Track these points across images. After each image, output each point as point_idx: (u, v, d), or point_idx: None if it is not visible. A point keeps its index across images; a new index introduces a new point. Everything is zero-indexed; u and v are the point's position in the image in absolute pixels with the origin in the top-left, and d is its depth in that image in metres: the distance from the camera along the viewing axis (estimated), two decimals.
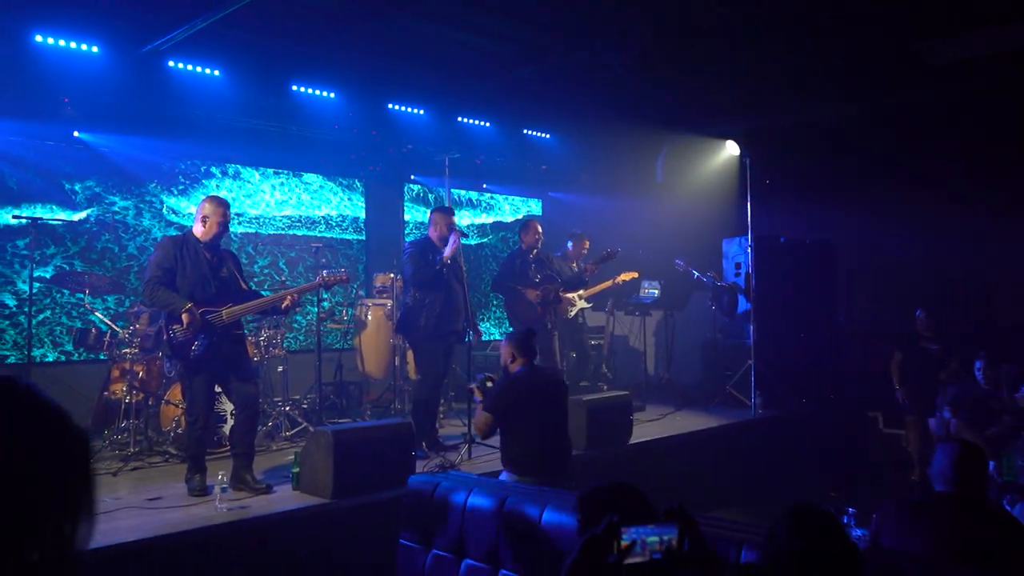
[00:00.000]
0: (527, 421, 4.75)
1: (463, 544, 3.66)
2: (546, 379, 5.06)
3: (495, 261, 11.19)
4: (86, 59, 7.26)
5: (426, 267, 6.58)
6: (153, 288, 5.20)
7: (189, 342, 5.15)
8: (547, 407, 4.85)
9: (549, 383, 5.02)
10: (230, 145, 8.80)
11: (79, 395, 7.37)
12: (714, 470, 7.27)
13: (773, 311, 8.87)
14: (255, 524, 4.69)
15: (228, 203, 5.50)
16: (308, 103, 8.89)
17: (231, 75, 8.19)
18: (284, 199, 9.52)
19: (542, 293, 7.55)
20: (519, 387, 4.87)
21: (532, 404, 4.79)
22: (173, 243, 5.36)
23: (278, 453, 6.60)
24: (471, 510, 3.67)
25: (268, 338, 7.21)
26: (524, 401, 4.79)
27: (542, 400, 4.83)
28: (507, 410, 4.81)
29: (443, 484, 3.90)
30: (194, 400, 5.34)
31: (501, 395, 4.86)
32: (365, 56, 8.89)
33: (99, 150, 7.92)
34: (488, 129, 10.56)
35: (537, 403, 4.80)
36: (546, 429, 4.77)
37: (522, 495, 3.62)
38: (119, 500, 5.11)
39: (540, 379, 4.98)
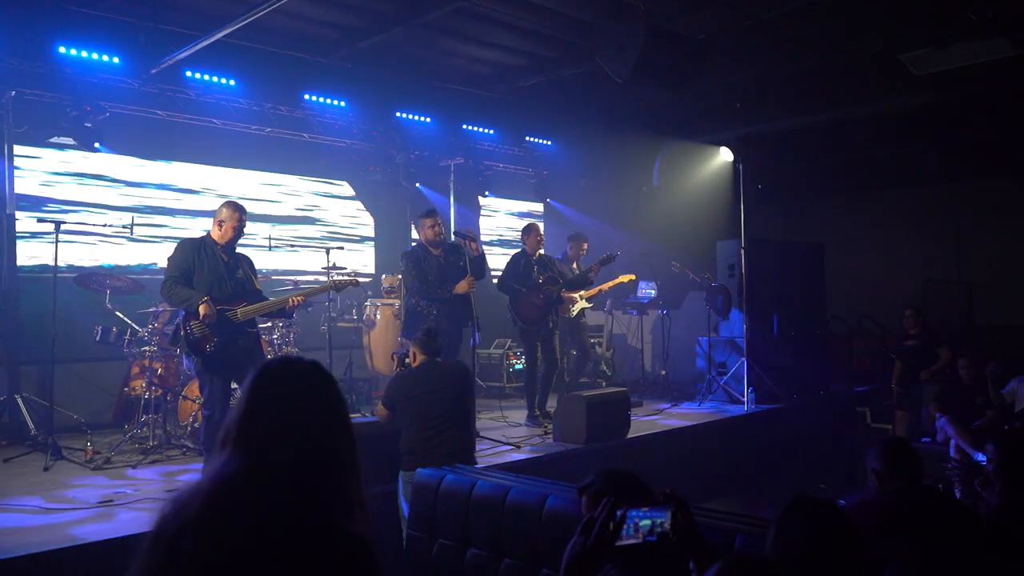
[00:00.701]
0: (416, 416, 4.61)
1: (468, 534, 3.66)
2: (442, 374, 4.80)
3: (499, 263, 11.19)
4: (107, 69, 7.28)
5: (424, 282, 6.61)
6: (171, 286, 5.23)
7: (206, 339, 5.16)
8: (440, 401, 4.63)
9: (444, 377, 4.77)
10: (245, 151, 8.81)
11: (101, 391, 7.41)
12: (708, 463, 7.27)
13: (765, 310, 8.87)
14: None
15: (244, 208, 5.51)
16: (319, 111, 8.91)
17: (245, 84, 8.20)
18: (296, 203, 9.54)
19: (544, 294, 7.55)
20: (407, 383, 4.77)
21: (422, 399, 4.63)
22: (191, 245, 5.39)
23: None
24: (475, 501, 3.67)
25: (281, 337, 7.22)
26: (413, 396, 4.65)
27: (434, 395, 4.64)
28: (395, 405, 4.74)
29: (448, 476, 3.91)
30: (211, 395, 5.35)
31: (390, 391, 4.82)
32: (374, 66, 8.92)
33: None
34: (492, 136, 10.57)
35: (428, 398, 4.63)
36: (438, 423, 4.58)
37: (525, 487, 3.63)
38: (138, 492, 5.12)
39: (434, 374, 4.76)
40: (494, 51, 9.14)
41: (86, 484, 5.34)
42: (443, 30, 8.35)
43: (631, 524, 1.90)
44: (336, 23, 8.16)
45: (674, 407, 8.66)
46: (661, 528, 1.89)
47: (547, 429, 7.06)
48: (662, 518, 1.90)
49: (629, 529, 1.90)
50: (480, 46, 8.98)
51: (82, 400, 7.14)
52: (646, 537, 1.89)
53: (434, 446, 4.50)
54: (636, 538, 1.89)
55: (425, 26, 8.08)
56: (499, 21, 8.12)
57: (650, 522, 1.90)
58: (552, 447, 6.50)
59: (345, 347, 8.33)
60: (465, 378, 4.91)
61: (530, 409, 7.66)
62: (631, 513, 1.91)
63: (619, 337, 10.74)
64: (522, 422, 7.67)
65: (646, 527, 1.90)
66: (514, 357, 9.62)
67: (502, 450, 6.29)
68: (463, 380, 4.86)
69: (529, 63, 9.48)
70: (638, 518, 1.91)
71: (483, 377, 9.33)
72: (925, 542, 2.85)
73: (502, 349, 9.75)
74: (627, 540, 1.89)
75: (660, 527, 1.89)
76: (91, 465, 5.79)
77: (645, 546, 1.89)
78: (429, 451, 4.49)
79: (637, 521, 1.91)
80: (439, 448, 4.49)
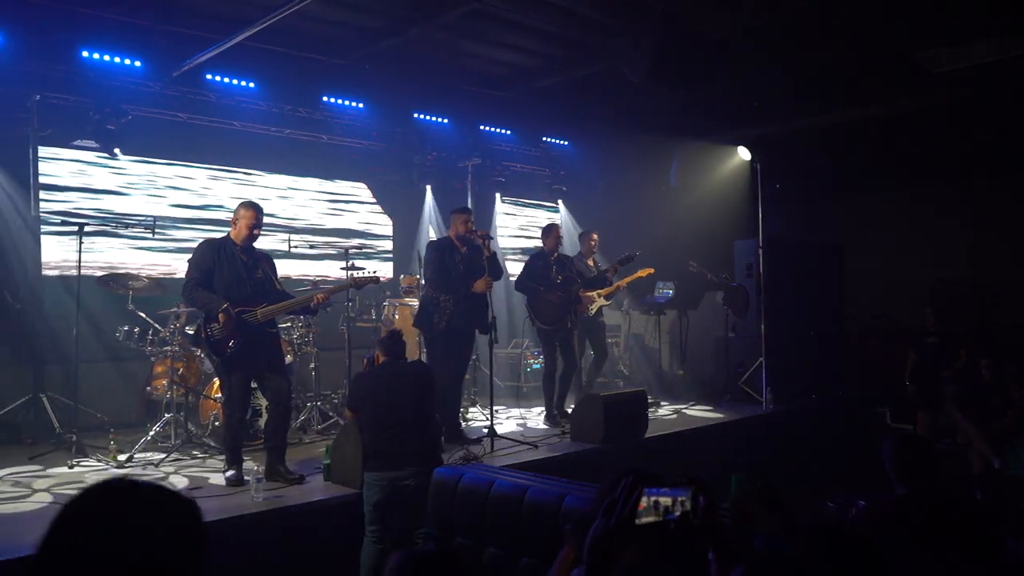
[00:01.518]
0: (376, 417, 4.58)
1: (485, 533, 3.67)
2: (402, 374, 4.78)
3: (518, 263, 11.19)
4: (129, 72, 7.35)
5: (444, 272, 6.60)
6: (191, 289, 5.28)
7: (226, 340, 5.20)
8: (398, 402, 4.59)
9: (403, 378, 4.74)
10: (264, 153, 8.87)
11: (124, 391, 7.48)
12: (726, 463, 7.22)
13: (783, 309, 8.81)
14: (289, 512, 4.73)
15: (261, 208, 5.55)
16: (337, 112, 8.95)
17: (265, 86, 8.25)
18: (315, 204, 9.58)
19: (563, 293, 7.55)
20: (366, 383, 4.76)
21: (381, 399, 4.61)
22: (211, 246, 5.43)
23: (310, 446, 6.65)
24: (493, 500, 3.68)
25: (300, 336, 7.26)
26: (372, 396, 4.63)
27: (393, 395, 4.61)
28: (356, 405, 4.72)
29: (467, 475, 3.92)
30: (231, 395, 5.40)
31: (351, 391, 4.81)
32: (392, 68, 8.94)
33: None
34: (508, 137, 10.57)
35: (386, 398, 4.60)
36: (396, 423, 4.54)
37: (543, 487, 3.63)
38: None
39: (393, 374, 4.74)
40: (510, 52, 9.14)
41: None
42: (459, 31, 8.35)
43: (650, 502, 1.89)
44: (354, 25, 8.19)
45: (691, 407, 8.63)
46: (682, 507, 1.87)
47: (565, 429, 7.06)
48: (683, 496, 1.88)
49: (648, 507, 1.88)
50: (496, 47, 8.98)
51: (105, 399, 7.22)
52: (666, 515, 1.88)
53: (393, 446, 4.47)
54: (656, 516, 1.87)
55: (442, 27, 8.09)
56: (515, 22, 8.12)
57: (670, 500, 1.89)
58: (570, 446, 6.50)
59: (364, 347, 8.34)
60: (425, 378, 4.86)
61: (548, 409, 7.66)
62: (650, 491, 1.90)
63: (636, 337, 10.71)
64: (540, 421, 7.67)
65: (666, 506, 1.88)
66: (531, 357, 9.62)
67: (520, 449, 6.29)
68: (423, 380, 4.82)
69: (545, 64, 9.47)
70: (658, 495, 1.90)
71: (501, 376, 9.33)
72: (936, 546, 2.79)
73: (519, 349, 9.75)
74: (647, 518, 1.87)
75: (680, 506, 1.87)
76: (114, 463, 5.85)
77: (666, 525, 1.87)
78: (388, 451, 4.46)
79: (657, 499, 1.89)
80: (397, 448, 4.46)
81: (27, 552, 3.78)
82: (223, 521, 4.44)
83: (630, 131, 10.42)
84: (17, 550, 3.83)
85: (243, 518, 4.53)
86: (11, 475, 5.58)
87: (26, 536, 4.09)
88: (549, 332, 7.62)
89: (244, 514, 4.57)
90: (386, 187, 10.13)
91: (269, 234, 8.60)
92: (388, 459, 4.44)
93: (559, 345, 7.65)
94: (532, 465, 5.68)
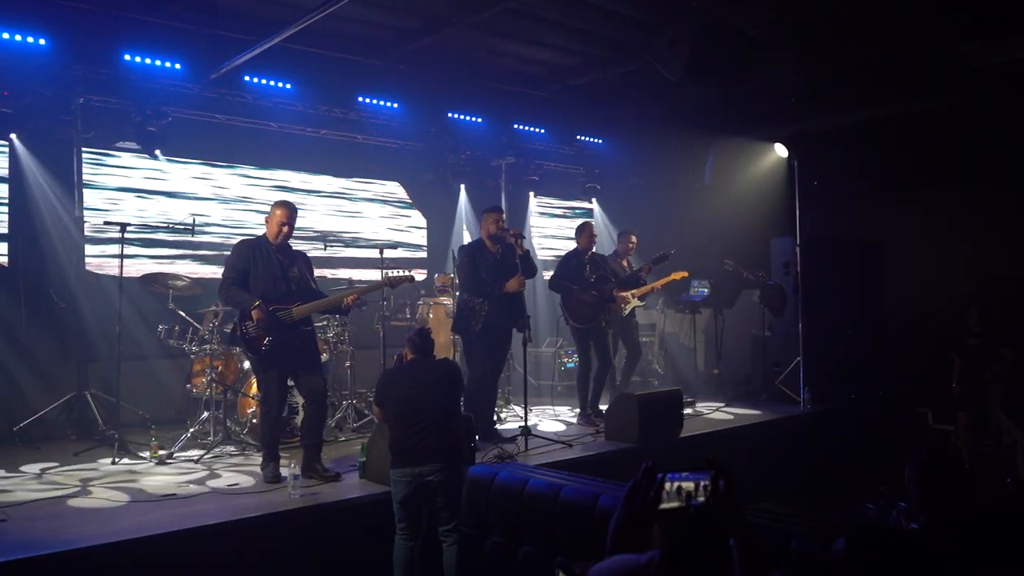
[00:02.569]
0: (401, 414, 4.58)
1: (520, 531, 3.67)
2: (428, 372, 4.77)
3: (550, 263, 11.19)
4: (170, 75, 7.48)
5: (475, 274, 6.62)
6: (227, 288, 5.36)
7: (261, 337, 5.26)
8: (424, 400, 4.58)
9: (430, 375, 4.73)
10: (300, 153, 8.97)
11: (164, 388, 7.62)
12: (763, 463, 7.14)
13: (821, 308, 8.69)
14: (325, 510, 4.78)
15: (295, 207, 5.61)
16: (373, 112, 9.00)
17: (301, 88, 8.34)
18: (351, 204, 9.66)
19: (597, 293, 7.53)
20: (391, 380, 4.77)
21: (406, 397, 4.60)
22: (247, 246, 5.50)
23: (346, 443, 6.71)
24: (527, 499, 3.68)
25: (336, 335, 7.33)
26: (398, 394, 4.63)
27: (418, 392, 4.60)
28: (382, 402, 4.73)
29: (501, 474, 3.92)
30: (267, 392, 5.47)
31: (377, 388, 4.82)
32: (427, 68, 8.98)
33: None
34: (542, 135, 10.56)
35: (412, 396, 4.59)
36: (421, 421, 4.53)
37: (577, 486, 3.63)
38: (201, 486, 5.26)
39: (420, 372, 4.73)
40: (545, 50, 9.13)
41: (150, 477, 5.50)
42: (494, 30, 8.36)
43: (673, 487, 1.87)
44: (389, 25, 8.24)
45: (727, 406, 8.55)
46: (704, 493, 1.85)
47: (599, 428, 7.04)
48: (704, 480, 1.87)
49: (671, 493, 1.87)
50: (531, 46, 8.97)
51: (146, 396, 7.36)
52: (689, 501, 1.86)
53: (416, 443, 4.48)
54: (679, 501, 1.86)
55: (476, 27, 8.11)
56: (550, 20, 8.11)
57: (692, 485, 1.87)
58: (604, 446, 6.48)
59: (399, 345, 8.35)
60: (451, 376, 4.86)
61: (583, 407, 7.65)
62: (671, 476, 1.88)
63: (671, 336, 10.64)
64: (574, 420, 7.66)
65: (688, 491, 1.86)
66: (565, 356, 9.61)
67: (554, 448, 6.29)
68: (449, 378, 4.81)
69: (580, 62, 9.44)
70: (679, 481, 1.88)
71: (535, 375, 9.33)
72: None
73: (553, 348, 9.75)
74: (669, 503, 1.86)
75: (703, 491, 1.86)
76: (155, 460, 5.95)
77: (688, 510, 1.86)
78: (412, 448, 4.47)
79: (679, 484, 1.87)
80: (421, 446, 4.46)
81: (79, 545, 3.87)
82: (260, 517, 4.50)
83: (664, 129, 10.36)
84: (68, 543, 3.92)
85: (280, 515, 4.58)
86: (56, 470, 5.72)
87: (70, 530, 4.19)
88: (583, 331, 7.61)
89: (281, 511, 4.63)
90: (420, 186, 10.18)
91: (303, 234, 8.71)
92: (411, 456, 4.46)
93: (593, 344, 7.63)
94: (566, 464, 5.67)
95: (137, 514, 4.56)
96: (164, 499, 4.89)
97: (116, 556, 3.93)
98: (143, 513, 4.58)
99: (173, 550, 4.10)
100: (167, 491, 5.07)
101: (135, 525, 4.27)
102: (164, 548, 4.08)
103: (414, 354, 4.85)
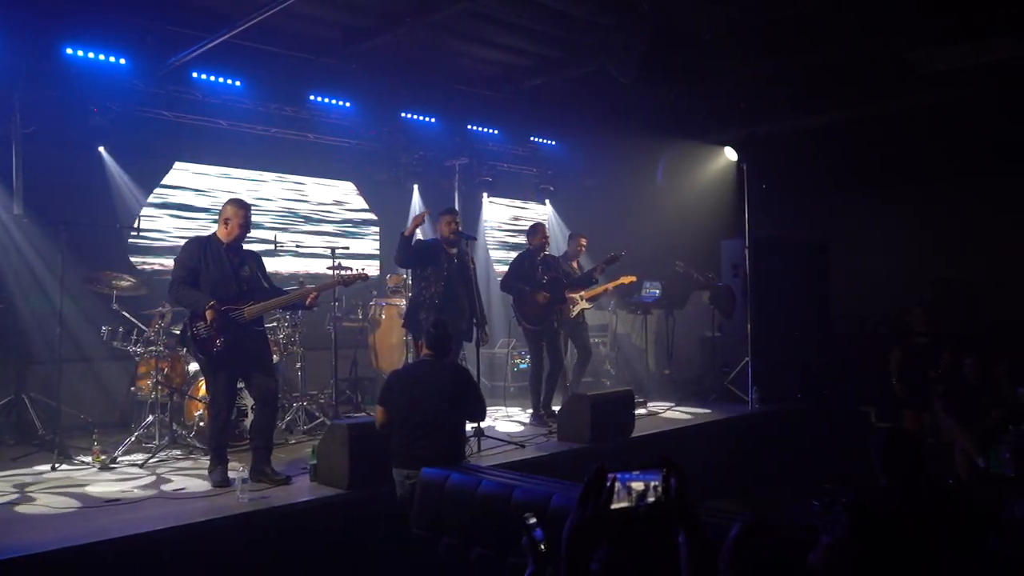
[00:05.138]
0: (405, 415, 4.61)
1: (473, 532, 3.68)
2: (435, 374, 4.77)
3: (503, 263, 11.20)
4: (114, 70, 7.30)
5: (402, 249, 6.64)
6: (178, 288, 5.26)
7: (212, 339, 5.18)
8: (428, 402, 4.61)
9: (436, 377, 4.74)
10: (251, 151, 8.84)
11: (108, 391, 7.44)
12: (712, 463, 7.26)
13: (769, 309, 8.86)
14: (275, 514, 4.71)
15: (249, 206, 5.54)
16: (324, 111, 8.93)
17: (252, 85, 8.23)
18: (303, 203, 9.56)
19: (550, 293, 7.56)
20: (398, 380, 4.79)
21: (411, 398, 4.63)
22: (197, 244, 5.41)
23: (296, 446, 6.63)
24: (480, 500, 3.68)
25: (287, 336, 7.24)
26: (403, 395, 4.66)
27: (423, 393, 4.63)
28: (387, 402, 4.76)
29: (454, 476, 3.93)
30: (216, 394, 5.37)
31: (383, 387, 4.84)
32: (380, 67, 8.93)
33: None
34: (496, 136, 10.58)
35: (417, 397, 4.62)
36: (423, 424, 4.57)
37: (530, 486, 3.64)
38: (145, 491, 5.15)
39: (427, 373, 4.75)
40: (499, 51, 9.14)
41: (93, 483, 5.37)
42: (448, 30, 8.35)
43: (623, 487, 1.87)
44: (341, 23, 8.17)
45: (678, 406, 8.67)
46: (655, 493, 1.86)
47: (552, 428, 7.07)
48: (655, 480, 1.87)
49: (621, 493, 1.87)
50: (485, 46, 8.98)
51: (89, 400, 7.18)
52: (638, 501, 1.87)
53: (418, 447, 4.48)
54: (629, 501, 1.86)
55: (430, 26, 8.08)
56: (504, 21, 8.12)
57: (643, 484, 1.88)
58: (557, 446, 6.51)
59: (350, 346, 8.35)
60: (460, 380, 4.85)
61: (535, 408, 7.68)
62: (622, 476, 1.89)
63: (623, 336, 10.74)
64: (527, 421, 7.69)
65: (639, 490, 1.87)
66: (518, 357, 9.64)
67: (507, 449, 6.30)
68: (457, 382, 4.81)
69: (534, 63, 9.48)
70: (630, 480, 1.88)
71: (488, 376, 9.34)
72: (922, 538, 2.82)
73: (506, 349, 9.76)
74: (620, 503, 1.86)
75: (654, 491, 1.86)
76: (98, 465, 5.81)
77: (639, 511, 1.86)
78: (413, 451, 4.47)
79: (629, 484, 1.88)
80: (422, 450, 4.47)
81: (15, 554, 3.75)
82: (208, 523, 4.42)
83: (617, 131, 10.45)
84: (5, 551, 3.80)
85: (228, 519, 4.51)
86: None
87: (10, 538, 4.07)
88: (535, 332, 7.64)
89: (229, 515, 4.55)
90: (373, 186, 10.12)
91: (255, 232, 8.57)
92: (410, 458, 4.47)
93: (546, 345, 7.67)
94: (519, 465, 5.69)
95: (79, 520, 4.45)
96: (108, 504, 4.78)
97: (55, 565, 3.82)
98: (85, 520, 4.46)
99: (116, 558, 4.00)
100: (111, 497, 4.95)
101: (77, 532, 4.16)
102: (107, 555, 3.97)
103: (429, 350, 4.83)
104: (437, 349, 4.86)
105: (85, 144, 7.56)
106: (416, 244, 6.81)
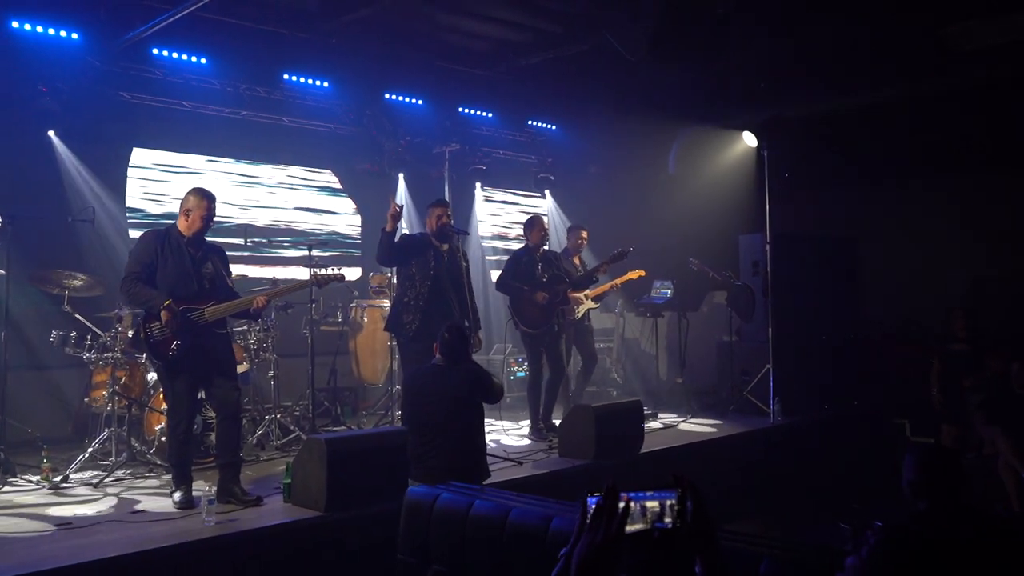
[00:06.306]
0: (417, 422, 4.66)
1: (464, 559, 3.64)
2: (447, 379, 4.84)
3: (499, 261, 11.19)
4: (65, 46, 7.26)
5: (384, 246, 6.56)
6: (131, 284, 5.20)
7: (168, 341, 5.13)
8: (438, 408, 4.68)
9: (448, 383, 4.81)
10: (217, 136, 8.81)
11: (59, 402, 7.39)
12: (730, 480, 7.24)
13: (793, 312, 8.84)
14: (244, 538, 4.68)
15: (213, 196, 5.49)
16: (300, 92, 8.91)
17: (218, 63, 8.20)
18: (275, 194, 9.53)
19: (550, 294, 7.53)
20: (412, 383, 4.87)
21: (422, 404, 4.69)
22: (155, 237, 5.36)
23: (268, 463, 6.60)
24: (472, 523, 3.65)
25: (258, 342, 7.20)
26: (416, 399, 4.72)
27: (433, 398, 4.68)
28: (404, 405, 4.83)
29: (443, 495, 3.89)
30: (175, 404, 5.32)
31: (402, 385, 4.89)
32: (361, 43, 8.90)
33: None
34: (490, 120, 10.57)
35: (427, 402, 4.67)
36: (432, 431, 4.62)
37: (528, 507, 3.61)
38: (100, 514, 5.11)
39: (438, 379, 4.81)
40: (493, 26, 9.12)
41: (41, 504, 5.33)
42: (437, 2, 8.33)
43: (637, 508, 1.89)
44: None
45: (692, 418, 8.65)
46: (671, 513, 1.87)
47: (552, 443, 7.05)
48: (671, 499, 1.88)
49: (635, 514, 1.88)
50: (478, 20, 8.96)
51: (37, 412, 7.12)
52: (655, 523, 1.87)
53: (429, 456, 4.50)
54: (644, 523, 1.87)
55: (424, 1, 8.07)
56: None
57: (658, 504, 1.89)
58: (558, 463, 6.49)
59: (329, 353, 8.32)
60: (474, 385, 4.87)
61: (533, 421, 7.66)
62: (635, 496, 1.89)
63: (631, 341, 10.73)
64: (525, 435, 7.67)
65: (654, 511, 1.88)
66: (515, 364, 9.61)
67: (503, 466, 6.27)
68: (471, 387, 4.82)
69: (532, 39, 9.46)
70: (644, 500, 1.89)
71: None
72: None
73: (502, 355, 9.74)
74: (635, 526, 1.87)
75: (669, 512, 1.87)
76: (47, 484, 5.77)
77: (654, 533, 1.87)
78: (425, 461, 4.49)
79: (643, 504, 1.89)
80: (432, 459, 4.49)
81: None
82: (171, 548, 4.38)
83: (624, 114, 10.44)
84: None
85: (192, 544, 4.47)
86: None
87: None
88: (534, 336, 7.61)
89: (193, 540, 4.51)
90: (354, 175, 10.10)
91: (222, 227, 8.55)
92: (425, 470, 4.49)
93: (545, 351, 7.64)
94: (516, 483, 5.66)
95: (25, 547, 4.40)
96: (58, 528, 4.74)
97: None
98: (32, 546, 4.42)
99: None
100: (61, 520, 4.91)
101: (23, 559, 4.12)
102: None
103: (439, 354, 4.84)
104: (448, 356, 4.86)
105: (33, 128, 7.52)
106: (401, 239, 6.78)
